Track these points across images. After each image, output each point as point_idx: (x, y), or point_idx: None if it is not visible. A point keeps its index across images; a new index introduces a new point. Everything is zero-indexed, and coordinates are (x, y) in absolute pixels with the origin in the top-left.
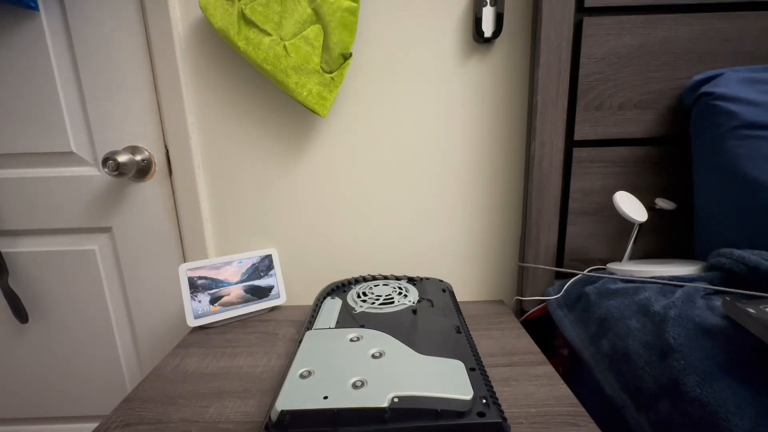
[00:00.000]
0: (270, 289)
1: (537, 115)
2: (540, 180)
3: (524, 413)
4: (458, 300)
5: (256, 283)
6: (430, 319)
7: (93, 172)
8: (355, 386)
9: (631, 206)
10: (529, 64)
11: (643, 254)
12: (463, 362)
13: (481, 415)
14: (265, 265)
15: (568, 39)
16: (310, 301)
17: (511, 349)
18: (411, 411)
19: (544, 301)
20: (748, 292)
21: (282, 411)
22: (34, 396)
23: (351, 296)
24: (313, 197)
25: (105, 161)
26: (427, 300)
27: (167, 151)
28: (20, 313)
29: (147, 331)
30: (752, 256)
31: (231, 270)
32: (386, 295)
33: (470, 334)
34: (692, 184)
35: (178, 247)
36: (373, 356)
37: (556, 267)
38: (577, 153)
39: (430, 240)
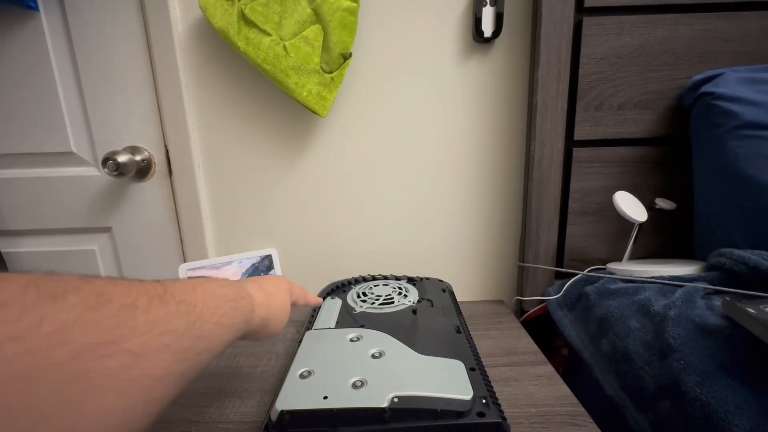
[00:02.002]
0: None
1: (537, 115)
2: (540, 180)
3: (524, 413)
4: (458, 300)
5: None
6: (430, 319)
7: (93, 172)
8: (355, 386)
9: (631, 206)
10: (529, 64)
11: (643, 254)
12: (463, 362)
13: (480, 415)
14: (265, 265)
15: (568, 39)
16: None
17: (511, 349)
18: (411, 411)
19: (544, 301)
20: (748, 292)
21: (282, 411)
22: None
23: (351, 296)
24: (314, 197)
25: (105, 161)
26: (427, 300)
27: (167, 151)
28: None
29: None
30: (752, 256)
31: (231, 270)
32: (386, 295)
33: (470, 334)
34: (692, 184)
35: (178, 247)
36: (373, 356)
37: (556, 267)
38: (577, 153)
39: (430, 240)
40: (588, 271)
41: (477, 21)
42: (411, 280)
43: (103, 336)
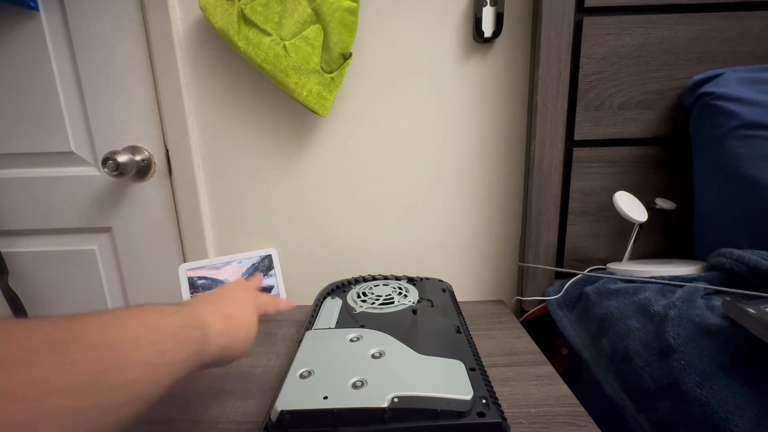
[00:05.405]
0: (270, 289)
1: (537, 115)
2: (540, 180)
3: (524, 413)
4: (458, 300)
5: None
6: (430, 319)
7: (93, 172)
8: (355, 386)
9: (631, 206)
10: (529, 64)
11: (643, 254)
12: (463, 362)
13: (481, 415)
14: (265, 265)
15: (568, 39)
16: (310, 301)
17: (511, 349)
18: (411, 411)
19: (544, 301)
20: (748, 292)
21: (282, 411)
22: None
23: (351, 296)
24: (314, 197)
25: (105, 161)
26: (427, 300)
27: (167, 151)
28: (20, 313)
29: None
30: (752, 256)
31: (231, 270)
32: (386, 295)
33: (470, 334)
34: (692, 184)
35: (178, 247)
36: (373, 356)
37: (556, 267)
38: (577, 153)
39: (430, 240)
40: (588, 271)
41: (477, 21)
42: (411, 280)
43: None
